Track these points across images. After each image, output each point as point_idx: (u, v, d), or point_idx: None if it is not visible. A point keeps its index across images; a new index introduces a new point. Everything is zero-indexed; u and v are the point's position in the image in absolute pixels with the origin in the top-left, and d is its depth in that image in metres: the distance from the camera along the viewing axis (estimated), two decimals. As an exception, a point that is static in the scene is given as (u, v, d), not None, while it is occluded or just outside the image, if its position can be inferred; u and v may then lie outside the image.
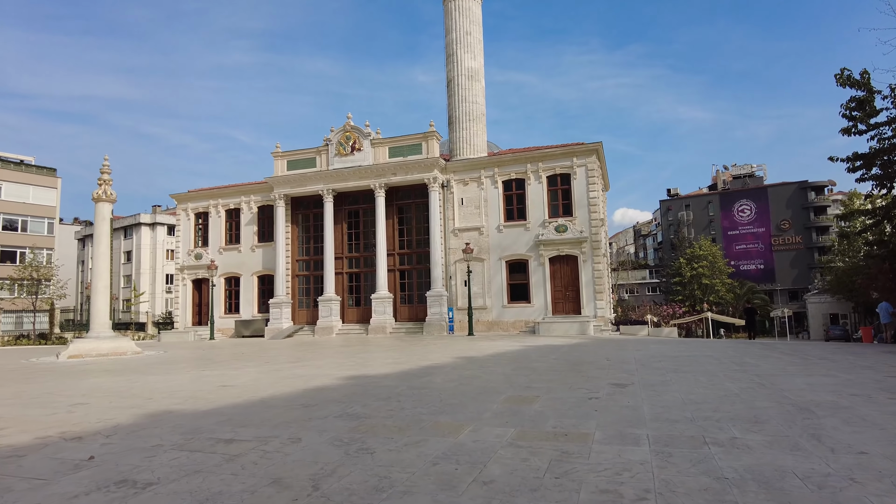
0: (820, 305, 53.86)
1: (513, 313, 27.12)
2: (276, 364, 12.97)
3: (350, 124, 29.91)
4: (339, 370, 10.95)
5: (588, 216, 26.38)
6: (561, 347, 16.14)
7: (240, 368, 12.23)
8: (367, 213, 30.60)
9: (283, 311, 30.18)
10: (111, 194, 19.41)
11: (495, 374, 9.53)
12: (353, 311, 30.35)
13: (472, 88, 29.88)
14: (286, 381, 9.37)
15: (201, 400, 7.52)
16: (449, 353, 14.32)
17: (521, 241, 27.36)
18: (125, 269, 70.60)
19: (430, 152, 28.33)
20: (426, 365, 11.46)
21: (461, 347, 16.60)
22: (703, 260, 66.62)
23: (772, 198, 78.48)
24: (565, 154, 27.06)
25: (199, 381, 9.99)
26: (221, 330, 32.62)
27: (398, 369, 10.75)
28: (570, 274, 26.36)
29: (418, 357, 13.55)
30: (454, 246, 28.52)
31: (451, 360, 12.62)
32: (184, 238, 35.00)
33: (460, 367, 10.82)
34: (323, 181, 30.04)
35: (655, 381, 8.29)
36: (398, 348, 17.36)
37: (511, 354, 13.78)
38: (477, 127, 29.67)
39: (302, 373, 10.77)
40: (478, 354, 13.88)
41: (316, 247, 31.48)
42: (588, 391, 7.38)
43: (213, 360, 15.26)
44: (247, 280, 32.88)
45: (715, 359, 12.32)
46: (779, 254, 76.93)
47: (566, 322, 24.57)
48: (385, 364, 12.00)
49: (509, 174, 27.95)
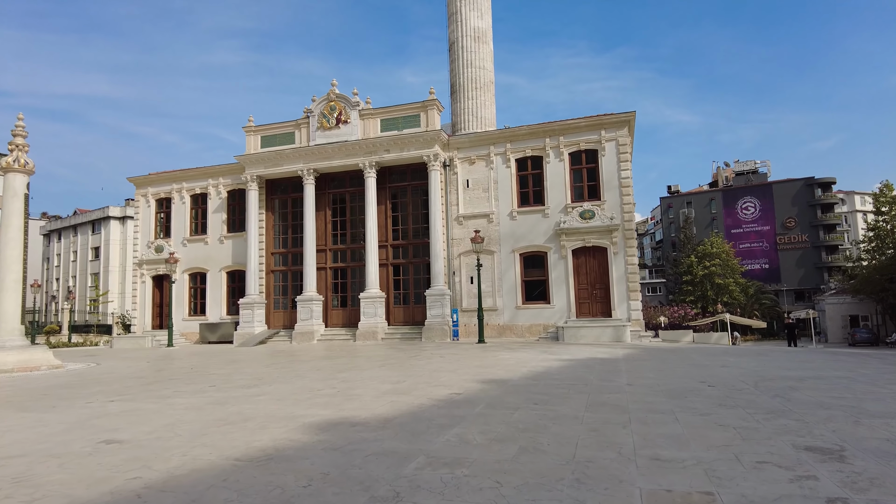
0: (839, 307, 51.08)
1: (528, 315, 23.52)
2: (225, 388, 9.30)
3: (335, 92, 26.15)
4: (309, 406, 7.31)
5: (619, 199, 22.85)
6: (612, 362, 12.57)
7: (170, 397, 8.60)
8: (354, 198, 26.88)
9: (255, 312, 26.39)
10: (26, 163, 15.60)
11: (565, 421, 5.91)
12: (337, 314, 26.62)
13: (479, 51, 26.26)
14: (219, 433, 5.72)
15: (25, 487, 3.82)
16: (467, 373, 10.69)
17: (538, 230, 23.75)
18: (93, 267, 66.51)
19: (429, 125, 24.64)
20: (442, 397, 7.82)
21: (479, 362, 12.97)
22: (715, 258, 63.89)
23: (777, 195, 77.42)
24: (591, 126, 23.50)
25: (82, 427, 6.31)
26: (185, 334, 28.82)
27: (400, 407, 7.12)
28: (597, 268, 22.80)
29: (425, 379, 9.91)
30: (458, 236, 24.88)
31: (475, 384, 9.00)
32: (143, 228, 31.12)
33: (497, 403, 7.20)
34: (303, 159, 26.27)
35: (879, 440, 4.71)
36: (395, 362, 13.71)
37: (555, 374, 10.18)
38: (485, 96, 26.07)
39: (253, 410, 7.12)
40: (508, 375, 10.26)
41: (295, 237, 27.72)
42: (787, 471, 3.79)
43: (148, 378, 11.56)
44: (214, 276, 29.04)
45: (870, 381, 8.81)
46: (784, 253, 75.93)
47: (596, 326, 20.99)
48: (379, 394, 8.36)
49: (524, 151, 24.32)
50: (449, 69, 26.97)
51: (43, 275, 72.02)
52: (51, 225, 72.74)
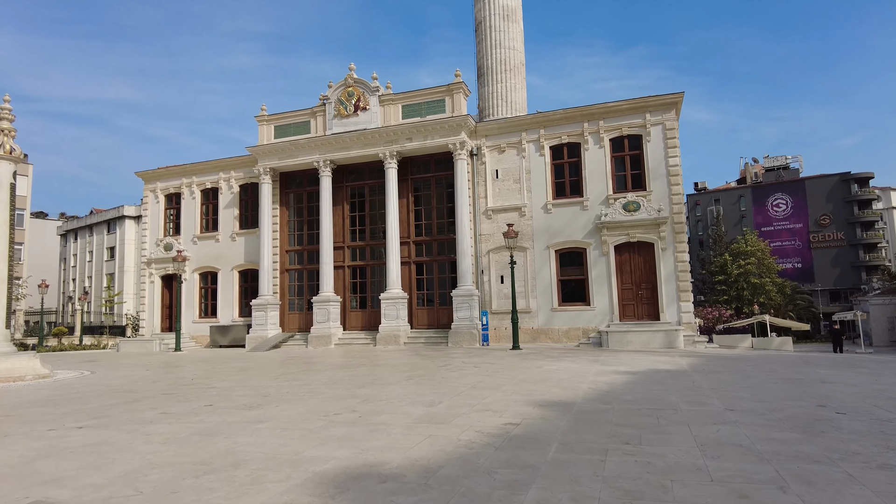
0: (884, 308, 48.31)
1: (565, 318, 21.64)
2: (222, 409, 7.68)
3: (353, 77, 24.55)
4: (322, 441, 5.62)
5: (668, 190, 20.90)
6: (683, 375, 10.70)
7: (152, 422, 7.03)
8: (374, 191, 25.26)
9: (268, 314, 24.91)
10: (12, 149, 14.23)
11: (687, 477, 4.14)
12: (356, 315, 25.03)
13: (509, 31, 24.44)
14: (192, 492, 4.05)
15: None
16: (514, 391, 8.94)
17: (576, 225, 21.87)
18: (108, 267, 66.17)
19: (455, 110, 22.91)
20: (494, 428, 6.09)
21: (523, 375, 11.20)
22: (750, 256, 61.39)
23: (810, 191, 75.14)
24: (634, 109, 21.55)
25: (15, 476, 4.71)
26: (195, 337, 27.52)
27: (442, 445, 5.41)
28: (643, 266, 20.85)
29: (465, 400, 8.18)
30: (487, 231, 23.11)
31: (532, 409, 7.25)
32: (151, 225, 29.89)
33: (574, 442, 5.44)
34: (319, 150, 24.71)
35: None
36: (423, 373, 12.00)
37: (625, 393, 8.37)
38: (515, 79, 24.25)
39: (248, 447, 5.47)
40: (568, 394, 8.47)
41: (310, 234, 26.20)
42: None
43: (138, 393, 10.02)
44: (226, 276, 27.66)
45: None
46: (818, 251, 73.65)
47: (645, 331, 19.05)
48: (411, 421, 6.65)
49: (559, 137, 22.45)
50: (475, 51, 25.18)
51: (60, 275, 72.05)
52: (67, 225, 72.64)
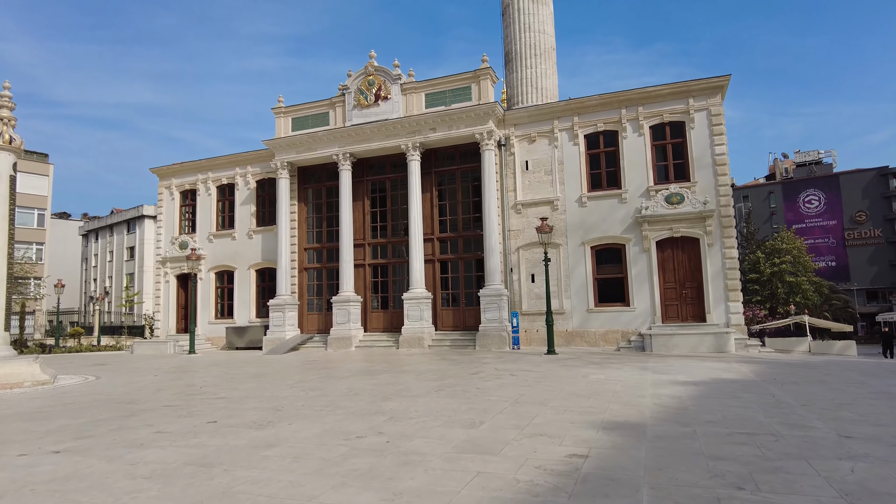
0: None
1: (603, 320, 20.29)
2: (226, 428, 6.60)
3: (373, 65, 23.48)
4: (342, 480, 4.47)
5: (714, 181, 19.41)
6: (755, 386, 9.34)
7: (143, 445, 6.00)
8: (396, 186, 24.17)
9: (286, 315, 23.97)
10: (12, 139, 13.40)
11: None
12: (378, 316, 23.96)
13: (539, 13, 23.15)
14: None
15: None
16: (566, 407, 7.71)
17: (613, 219, 20.51)
18: (128, 267, 66.35)
19: (482, 97, 21.68)
20: (557, 463, 4.89)
21: (570, 387, 9.96)
22: (786, 254, 59.17)
23: (844, 186, 72.49)
24: (676, 94, 20.10)
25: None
26: (211, 339, 26.75)
27: (500, 492, 4.22)
28: (687, 263, 19.41)
29: (511, 419, 6.97)
30: (516, 227, 21.86)
31: (596, 434, 6.03)
32: (166, 223, 29.21)
33: (668, 486, 4.21)
34: (338, 142, 23.70)
35: None
36: (454, 381, 10.82)
37: (700, 411, 7.09)
38: (546, 65, 22.95)
39: (250, 485, 4.37)
40: (631, 412, 7.22)
41: (330, 231, 25.21)
42: None
43: (138, 404, 9.03)
44: (242, 275, 26.83)
45: None
46: (853, 249, 71.18)
47: (692, 334, 17.62)
48: (451, 450, 5.48)
49: (595, 125, 21.10)
50: (503, 35, 23.94)
51: (81, 275, 72.51)
52: (88, 225, 73.11)
